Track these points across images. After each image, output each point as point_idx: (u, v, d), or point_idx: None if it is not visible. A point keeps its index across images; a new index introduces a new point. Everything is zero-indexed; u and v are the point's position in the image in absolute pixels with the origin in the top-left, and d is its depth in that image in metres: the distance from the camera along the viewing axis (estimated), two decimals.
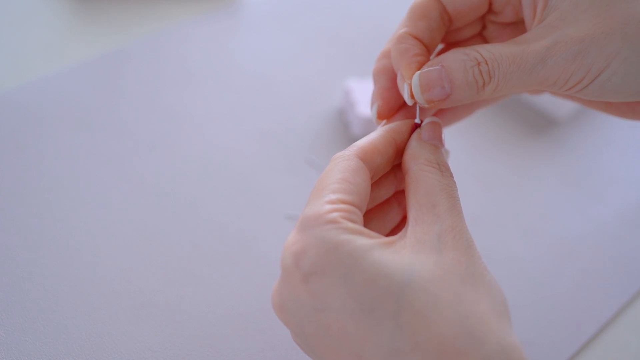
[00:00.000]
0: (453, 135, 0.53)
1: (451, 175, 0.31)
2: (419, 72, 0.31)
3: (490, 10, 0.35)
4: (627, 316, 0.44)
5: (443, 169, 0.31)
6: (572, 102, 0.55)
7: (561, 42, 0.30)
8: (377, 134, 0.32)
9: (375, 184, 0.33)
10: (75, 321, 0.38)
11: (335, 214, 0.28)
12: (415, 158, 0.31)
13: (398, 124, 0.32)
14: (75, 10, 0.57)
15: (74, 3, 0.58)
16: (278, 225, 0.45)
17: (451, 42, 0.37)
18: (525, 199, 0.50)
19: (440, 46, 0.37)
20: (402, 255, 0.27)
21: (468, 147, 0.53)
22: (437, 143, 0.32)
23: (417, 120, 0.33)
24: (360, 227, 0.28)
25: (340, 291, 0.26)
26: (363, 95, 0.51)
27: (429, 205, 0.29)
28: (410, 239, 0.28)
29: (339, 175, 0.29)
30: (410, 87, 0.31)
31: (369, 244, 0.27)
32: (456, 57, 0.31)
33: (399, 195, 0.34)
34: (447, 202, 0.29)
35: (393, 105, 0.34)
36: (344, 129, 0.52)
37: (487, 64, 0.31)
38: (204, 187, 0.46)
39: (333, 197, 0.28)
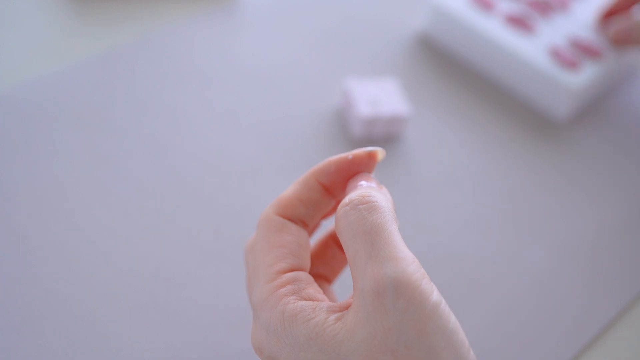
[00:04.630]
0: (453, 135, 0.53)
1: (365, 197, 0.27)
2: None
3: None
4: (629, 317, 0.44)
5: (356, 201, 0.27)
6: (572, 104, 0.55)
7: None
8: (302, 179, 0.30)
9: None
10: (73, 323, 0.38)
11: (275, 296, 0.27)
12: (337, 211, 0.28)
13: (324, 165, 0.30)
14: (74, 9, 0.57)
15: (73, 3, 0.57)
16: None
17: None
18: (526, 199, 0.49)
19: None
20: (340, 340, 0.25)
21: (468, 148, 0.52)
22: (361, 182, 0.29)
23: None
24: (301, 307, 0.26)
25: None
26: (362, 95, 0.51)
27: (352, 259, 0.26)
28: (351, 311, 0.25)
29: (266, 245, 0.29)
30: None
31: (308, 332, 0.26)
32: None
33: None
34: (362, 245, 0.25)
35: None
36: (342, 129, 0.52)
37: None
38: (202, 187, 0.46)
39: (270, 272, 0.28)
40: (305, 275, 0.28)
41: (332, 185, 0.30)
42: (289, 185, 0.47)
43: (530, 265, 0.45)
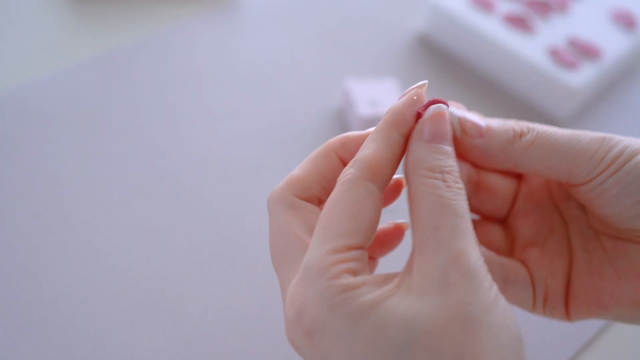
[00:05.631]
0: None
1: (457, 183, 0.27)
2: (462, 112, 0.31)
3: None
4: None
5: (448, 177, 0.27)
6: (571, 103, 0.55)
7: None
8: (379, 136, 0.29)
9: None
10: (75, 322, 0.38)
11: (338, 268, 0.26)
12: (415, 167, 0.28)
13: (401, 115, 0.29)
14: (75, 10, 0.57)
15: (74, 3, 0.57)
16: None
17: None
18: None
19: None
20: (407, 305, 0.25)
21: None
22: (441, 142, 0.28)
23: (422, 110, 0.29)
24: (363, 279, 0.26)
25: (342, 351, 0.26)
26: (362, 96, 0.51)
27: (431, 229, 0.26)
28: (416, 277, 0.26)
29: (346, 211, 0.27)
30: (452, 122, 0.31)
31: (371, 300, 0.26)
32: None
33: None
34: (450, 222, 0.26)
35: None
36: (343, 129, 0.52)
37: (526, 124, 0.31)
38: (203, 187, 0.46)
39: (340, 243, 0.27)
40: (366, 255, 0.28)
41: (410, 133, 0.29)
42: None
43: None
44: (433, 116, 0.29)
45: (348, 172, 0.28)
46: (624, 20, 0.60)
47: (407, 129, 0.29)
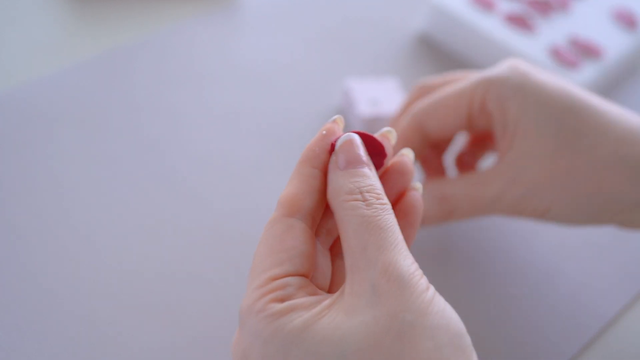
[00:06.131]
0: None
1: (379, 199, 0.28)
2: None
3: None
4: (628, 318, 0.44)
5: (368, 196, 0.28)
6: None
7: (513, 185, 0.37)
8: (295, 174, 0.30)
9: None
10: (74, 322, 0.38)
11: (263, 301, 0.27)
12: (336, 195, 0.29)
13: (308, 151, 0.30)
14: (75, 10, 0.57)
15: (74, 3, 0.57)
16: None
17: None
18: None
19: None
20: (338, 324, 0.26)
21: None
22: (357, 167, 0.29)
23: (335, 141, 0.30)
24: (290, 305, 0.26)
25: None
26: (363, 95, 0.51)
27: (360, 249, 0.27)
28: (348, 297, 0.26)
29: (267, 248, 0.28)
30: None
31: (301, 325, 0.26)
32: (427, 196, 0.39)
33: None
34: (376, 238, 0.27)
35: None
36: (343, 129, 0.51)
37: (449, 202, 0.39)
38: (203, 187, 0.46)
39: (262, 278, 0.27)
40: (297, 280, 0.28)
41: (325, 165, 0.30)
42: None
43: (531, 265, 0.45)
44: (344, 145, 0.30)
45: (272, 216, 0.30)
46: (625, 20, 0.60)
47: (319, 163, 0.30)
